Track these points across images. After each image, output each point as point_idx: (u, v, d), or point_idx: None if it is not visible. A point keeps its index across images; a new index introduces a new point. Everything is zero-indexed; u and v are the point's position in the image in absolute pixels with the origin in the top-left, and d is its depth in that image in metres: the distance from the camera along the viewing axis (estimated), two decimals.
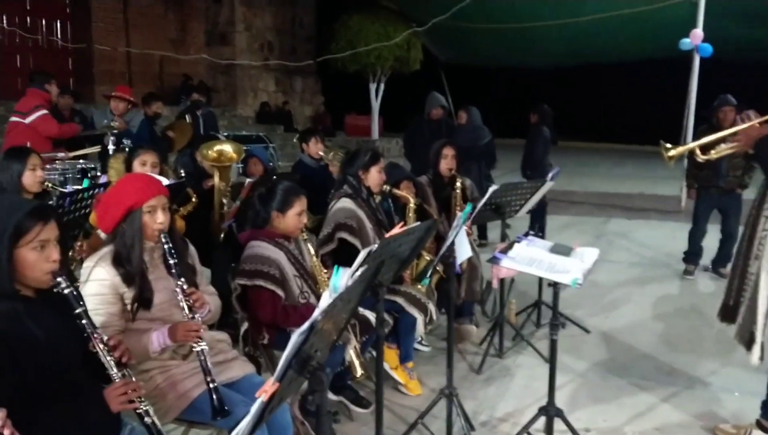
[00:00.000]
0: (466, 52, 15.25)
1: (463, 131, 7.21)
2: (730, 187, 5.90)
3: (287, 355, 1.65)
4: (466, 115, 7.28)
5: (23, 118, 5.89)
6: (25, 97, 6.10)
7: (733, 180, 5.87)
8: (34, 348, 1.90)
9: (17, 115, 5.94)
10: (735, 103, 5.74)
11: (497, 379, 3.97)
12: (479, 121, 7.29)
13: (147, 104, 7.25)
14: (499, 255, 3.00)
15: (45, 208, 2.02)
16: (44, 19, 13.48)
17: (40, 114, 5.89)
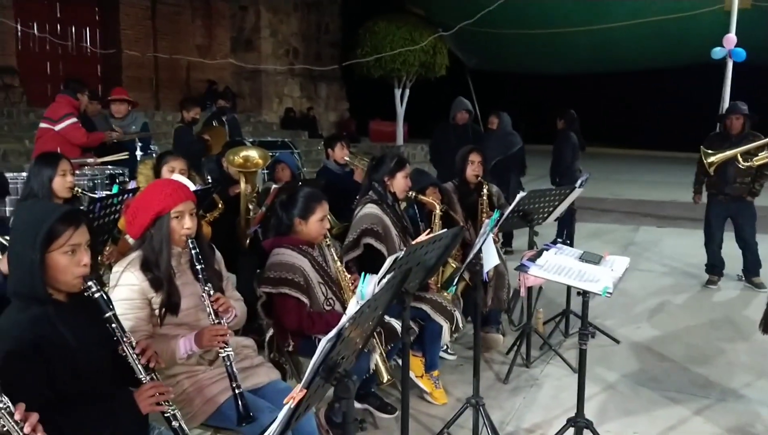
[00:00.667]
0: (494, 58, 15.23)
1: (494, 138, 7.16)
2: (738, 194, 5.74)
3: (315, 362, 1.63)
4: (497, 121, 7.23)
5: (53, 125, 5.95)
6: (55, 103, 6.16)
7: (742, 187, 5.71)
8: (66, 351, 1.92)
9: (47, 122, 6.01)
10: (745, 112, 5.63)
11: (524, 389, 3.91)
12: (509, 127, 7.23)
13: (186, 110, 7.32)
14: (528, 263, 2.95)
15: (76, 212, 2.03)
16: (74, 26, 13.73)
17: (69, 122, 5.94)
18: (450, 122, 7.16)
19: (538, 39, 13.16)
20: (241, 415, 2.28)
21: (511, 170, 7.03)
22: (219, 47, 15.92)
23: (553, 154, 7.31)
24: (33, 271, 1.87)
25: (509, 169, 6.99)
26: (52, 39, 12.70)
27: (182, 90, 14.80)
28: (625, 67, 15.13)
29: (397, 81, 16.38)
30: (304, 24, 17.92)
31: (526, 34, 13.03)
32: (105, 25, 13.98)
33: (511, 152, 7.06)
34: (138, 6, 14.06)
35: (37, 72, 12.91)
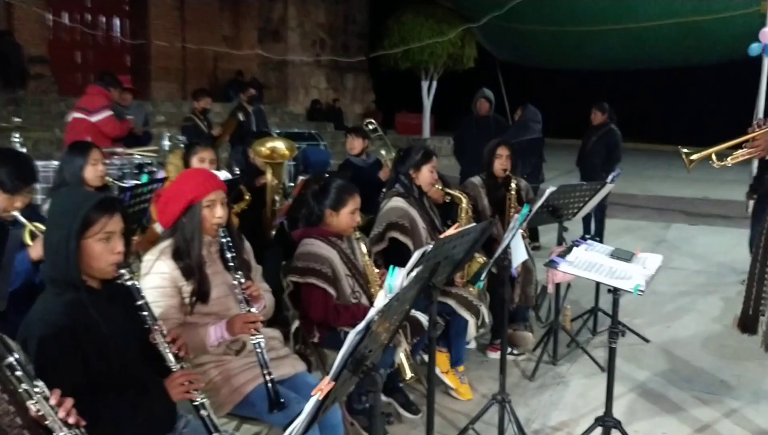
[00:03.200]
0: (523, 53, 15.06)
1: (513, 127, 7.09)
2: None
3: (343, 355, 1.61)
4: (521, 112, 7.14)
5: (89, 115, 5.99)
6: (89, 95, 6.21)
7: None
8: (98, 337, 1.94)
9: (82, 112, 6.05)
10: None
11: (551, 387, 3.86)
12: (530, 120, 7.13)
13: (196, 100, 7.38)
14: (557, 259, 2.90)
15: (111, 200, 2.05)
16: (104, 16, 13.88)
17: (106, 115, 6.01)
18: (473, 114, 7.08)
19: (568, 36, 12.98)
20: (272, 401, 2.29)
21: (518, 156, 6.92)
22: (246, 38, 15.98)
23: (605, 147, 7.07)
24: (68, 257, 1.89)
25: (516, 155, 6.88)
26: (83, 29, 12.85)
27: (209, 80, 14.89)
28: (657, 65, 14.87)
29: (425, 73, 16.29)
30: (332, 15, 17.90)
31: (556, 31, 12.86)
32: (134, 15, 14.13)
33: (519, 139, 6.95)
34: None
35: (67, 61, 13.11)
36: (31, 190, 2.88)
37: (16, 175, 2.75)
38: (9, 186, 2.74)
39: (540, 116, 7.14)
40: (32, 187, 2.90)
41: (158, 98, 13.25)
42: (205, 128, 7.25)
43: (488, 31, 13.66)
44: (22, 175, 2.79)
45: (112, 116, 6.06)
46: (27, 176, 2.83)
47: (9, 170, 2.75)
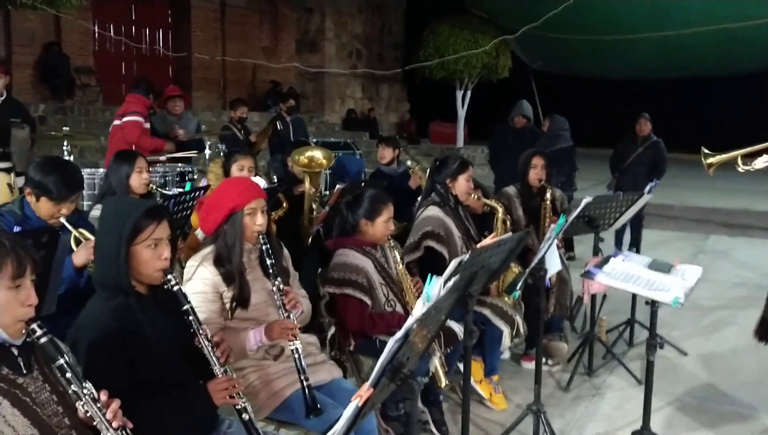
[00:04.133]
0: (559, 61, 14.98)
1: (542, 138, 7.07)
2: None
3: (383, 362, 1.65)
4: (549, 123, 7.13)
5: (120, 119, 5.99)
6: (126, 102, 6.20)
7: None
8: (145, 342, 2.00)
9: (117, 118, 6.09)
10: None
11: (586, 398, 3.84)
12: (560, 130, 7.09)
13: (233, 109, 7.48)
14: (594, 269, 2.90)
15: (159, 208, 2.12)
16: (148, 29, 14.25)
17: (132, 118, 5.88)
18: (509, 124, 7.09)
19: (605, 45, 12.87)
20: (309, 407, 2.33)
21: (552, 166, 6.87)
22: (284, 49, 16.22)
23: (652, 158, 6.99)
24: (119, 263, 1.96)
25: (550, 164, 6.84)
26: (127, 41, 13.21)
27: (248, 90, 15.15)
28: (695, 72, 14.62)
29: (459, 83, 16.30)
30: (368, 26, 18.06)
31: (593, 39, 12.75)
32: (177, 27, 14.47)
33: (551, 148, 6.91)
34: (208, 9, 14.49)
35: (112, 72, 13.46)
36: (76, 198, 2.94)
37: (62, 183, 2.80)
38: (55, 194, 2.79)
39: (567, 125, 7.10)
40: (78, 194, 2.96)
41: (198, 108, 13.52)
42: (242, 136, 7.35)
43: (523, 40, 13.61)
44: (68, 183, 2.83)
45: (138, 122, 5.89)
46: (73, 184, 2.87)
47: (55, 178, 2.80)
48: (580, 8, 11.42)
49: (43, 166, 2.87)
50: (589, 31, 12.84)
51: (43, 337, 1.57)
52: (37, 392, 1.59)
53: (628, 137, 7.17)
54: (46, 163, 2.94)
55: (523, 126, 7.04)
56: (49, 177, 2.80)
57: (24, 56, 11.35)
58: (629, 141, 7.13)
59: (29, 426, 1.53)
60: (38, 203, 2.83)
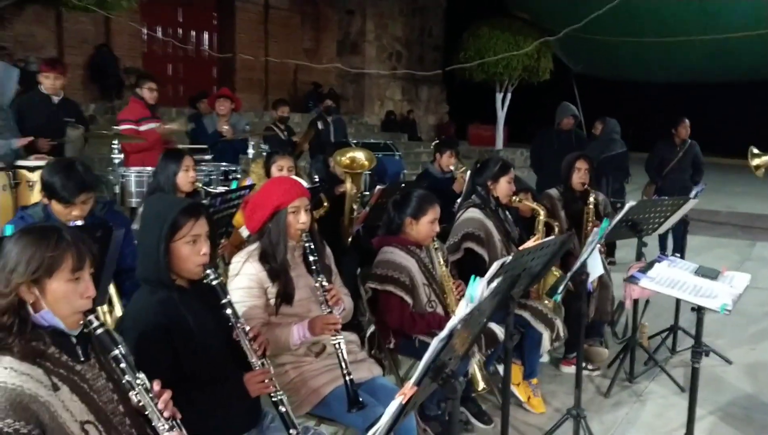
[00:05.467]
0: (602, 64, 14.76)
1: (595, 143, 6.97)
2: None
3: (426, 361, 1.67)
4: (602, 126, 7.02)
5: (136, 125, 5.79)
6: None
7: None
8: (188, 334, 2.06)
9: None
10: None
11: (627, 404, 3.79)
12: (613, 133, 6.99)
13: (275, 109, 7.56)
14: (638, 274, 2.87)
15: (197, 205, 2.19)
16: (194, 31, 14.54)
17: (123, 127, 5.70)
18: (554, 127, 7.01)
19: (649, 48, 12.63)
20: (351, 401, 2.36)
21: (604, 174, 6.79)
22: (325, 51, 16.37)
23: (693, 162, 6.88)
24: (159, 258, 2.03)
25: (602, 172, 6.76)
26: (175, 42, 13.49)
27: (289, 91, 15.34)
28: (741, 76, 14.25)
29: (499, 85, 16.20)
30: (408, 28, 18.09)
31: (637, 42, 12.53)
32: (222, 29, 14.72)
33: (604, 156, 6.81)
34: (252, 11, 14.71)
35: (159, 73, 13.73)
36: (87, 200, 2.89)
37: (66, 184, 2.80)
38: (61, 195, 2.80)
39: (619, 128, 7.00)
40: (89, 196, 2.90)
41: (241, 109, 13.73)
42: (284, 136, 7.43)
43: (566, 42, 13.47)
44: (73, 184, 2.81)
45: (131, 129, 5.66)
46: (78, 186, 2.82)
47: (60, 179, 2.80)
48: (624, 10, 11.26)
49: (51, 168, 2.90)
50: (633, 34, 12.63)
51: (99, 328, 1.64)
52: (94, 379, 1.65)
53: (667, 141, 7.02)
54: (55, 164, 2.94)
55: (570, 127, 6.94)
56: (54, 178, 2.82)
57: (75, 57, 11.68)
58: (668, 145, 6.99)
59: (86, 412, 1.59)
60: (52, 205, 2.86)
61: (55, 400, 1.53)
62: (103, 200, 3.50)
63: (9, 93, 4.87)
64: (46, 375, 1.54)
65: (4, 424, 1.43)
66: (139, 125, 5.67)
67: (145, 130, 5.67)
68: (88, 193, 2.89)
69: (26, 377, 1.51)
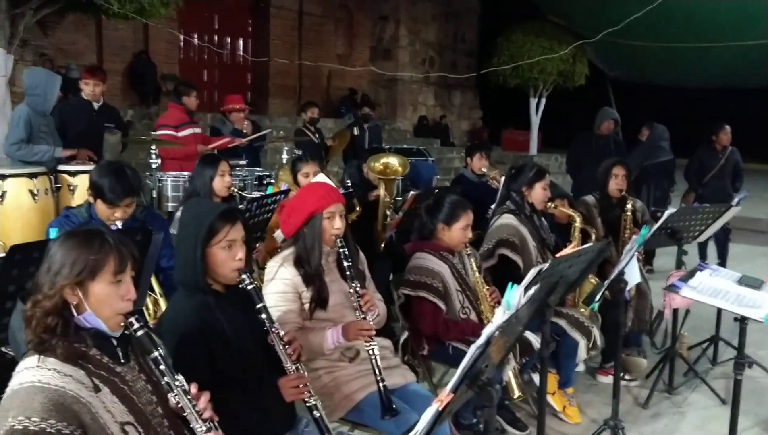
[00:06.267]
0: (638, 69, 14.53)
1: (640, 149, 6.84)
2: None
3: (464, 368, 1.65)
4: (648, 132, 6.87)
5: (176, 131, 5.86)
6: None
7: None
8: (223, 338, 2.08)
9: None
10: None
11: (666, 416, 3.70)
12: (660, 140, 6.85)
13: (304, 111, 7.55)
14: (679, 283, 2.81)
15: (233, 211, 2.20)
16: (229, 38, 14.75)
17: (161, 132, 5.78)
18: (593, 132, 6.89)
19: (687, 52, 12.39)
20: (385, 407, 2.35)
21: (646, 182, 6.66)
22: (358, 57, 16.45)
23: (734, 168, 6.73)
24: (195, 263, 2.05)
25: (644, 180, 6.63)
26: (210, 47, 13.70)
27: (322, 97, 15.45)
28: None
29: (533, 90, 16.06)
30: (442, 33, 18.07)
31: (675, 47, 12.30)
32: (256, 35, 14.91)
33: (648, 163, 6.68)
34: (286, 17, 14.86)
35: (195, 79, 13.94)
36: (131, 203, 2.99)
37: (115, 187, 2.90)
38: (108, 197, 2.90)
39: (668, 134, 6.84)
40: (132, 200, 3.00)
41: (275, 114, 13.88)
42: (316, 139, 7.38)
43: (601, 47, 13.29)
44: (121, 187, 2.91)
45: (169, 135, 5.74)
46: (125, 189, 2.93)
47: (109, 182, 2.90)
48: (661, 15, 11.06)
49: (101, 169, 3.00)
50: (670, 38, 12.41)
51: (139, 330, 1.66)
52: (134, 381, 1.68)
53: (707, 148, 6.85)
54: (105, 166, 3.05)
55: (608, 133, 6.82)
56: (104, 180, 2.92)
57: (114, 64, 11.96)
58: (709, 152, 6.82)
59: (126, 413, 1.61)
60: (96, 204, 2.97)
61: (96, 401, 1.55)
62: (142, 204, 3.56)
63: (51, 100, 4.98)
64: (87, 376, 1.57)
65: (47, 424, 1.45)
66: (178, 131, 5.75)
67: (183, 136, 5.74)
68: (132, 198, 2.99)
69: (69, 378, 1.53)
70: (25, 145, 4.80)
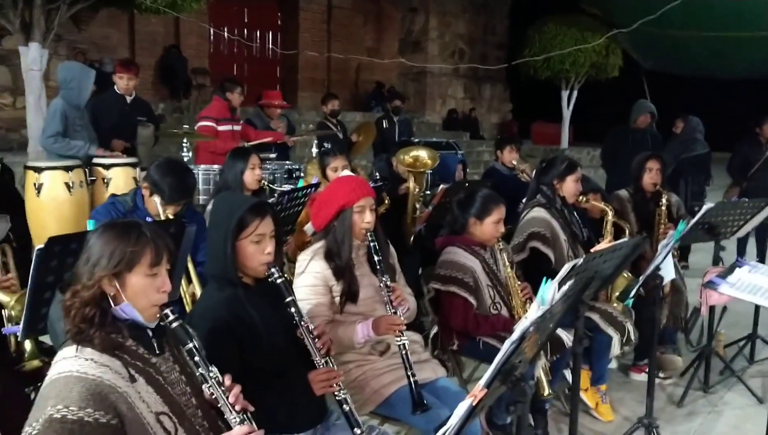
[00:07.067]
0: (675, 59, 14.17)
1: (674, 142, 6.69)
2: None
3: (498, 363, 1.63)
4: (683, 125, 6.72)
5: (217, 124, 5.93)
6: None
7: None
8: (253, 331, 2.09)
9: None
10: None
11: (701, 415, 3.63)
12: (695, 132, 6.70)
13: (324, 104, 7.52)
14: (717, 279, 2.75)
15: (263, 204, 2.20)
16: (259, 31, 14.83)
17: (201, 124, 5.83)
18: (630, 125, 6.76)
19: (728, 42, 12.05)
20: (416, 402, 2.34)
21: (682, 176, 6.52)
22: (387, 50, 16.40)
23: None
24: (226, 256, 2.06)
25: (680, 174, 6.49)
26: (241, 40, 13.79)
27: (351, 90, 15.45)
28: None
29: (565, 82, 15.84)
30: (472, 26, 17.92)
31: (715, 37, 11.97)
32: (285, 29, 14.96)
33: (684, 156, 6.54)
34: (315, 11, 14.88)
35: (225, 73, 14.08)
36: (182, 204, 3.03)
37: (176, 188, 2.95)
38: (167, 196, 2.94)
39: (702, 126, 6.69)
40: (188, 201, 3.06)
41: (304, 108, 13.93)
42: (338, 132, 7.27)
43: (636, 37, 13.00)
44: (181, 189, 2.98)
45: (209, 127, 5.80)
46: (185, 192, 3.00)
47: (171, 182, 2.95)
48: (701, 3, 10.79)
49: (163, 167, 3.02)
50: (708, 28, 12.09)
51: (174, 322, 1.68)
52: (168, 372, 1.69)
53: (750, 140, 6.66)
54: (167, 165, 3.06)
55: (645, 127, 6.69)
56: (165, 179, 2.96)
57: (146, 58, 12.10)
58: (752, 144, 6.63)
59: (161, 403, 1.63)
60: (150, 198, 3.01)
61: (132, 391, 1.57)
62: None
63: (86, 93, 5.06)
64: (124, 367, 1.59)
65: (84, 413, 1.48)
66: (219, 125, 5.80)
67: (221, 130, 5.79)
68: (188, 199, 3.07)
69: (106, 368, 1.55)
70: (61, 138, 4.88)
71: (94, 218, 3.03)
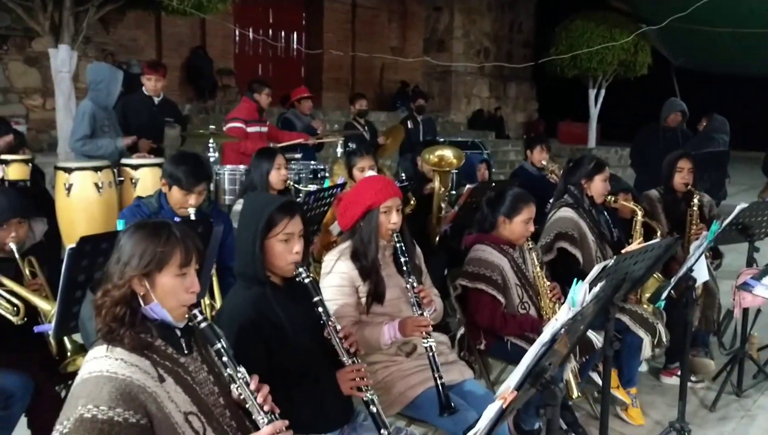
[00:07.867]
0: (707, 57, 13.87)
1: (695, 138, 6.58)
2: None
3: (528, 365, 1.61)
4: (706, 122, 6.62)
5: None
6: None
7: None
8: (280, 330, 2.09)
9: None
10: None
11: (734, 419, 3.55)
12: (714, 130, 6.58)
13: (352, 104, 7.51)
14: (752, 281, 2.68)
15: (292, 204, 2.20)
16: (283, 31, 14.90)
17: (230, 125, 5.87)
18: (661, 124, 6.64)
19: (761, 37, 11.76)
20: (443, 404, 2.32)
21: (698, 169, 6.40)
22: (412, 49, 16.37)
23: None
24: (254, 255, 2.06)
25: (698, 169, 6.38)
26: (266, 40, 13.85)
27: (375, 90, 15.44)
28: None
29: (593, 80, 15.64)
30: (497, 24, 17.81)
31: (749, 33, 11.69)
32: (310, 29, 15.01)
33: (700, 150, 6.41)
34: (340, 10, 14.91)
35: (250, 73, 14.13)
36: (204, 190, 3.15)
37: (190, 172, 3.06)
38: (184, 182, 3.04)
39: (728, 127, 6.56)
40: (206, 185, 3.17)
41: (328, 108, 13.96)
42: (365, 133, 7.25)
43: (667, 34, 12.76)
44: (196, 173, 3.08)
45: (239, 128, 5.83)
46: (200, 174, 3.10)
47: (185, 168, 3.06)
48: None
49: (175, 158, 3.17)
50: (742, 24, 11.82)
51: (203, 322, 1.68)
52: (196, 372, 1.70)
53: None
54: (179, 155, 3.22)
55: (676, 126, 6.57)
56: (180, 167, 3.07)
57: (172, 59, 12.22)
58: None
59: (189, 403, 1.64)
60: (170, 192, 3.10)
61: (161, 390, 1.58)
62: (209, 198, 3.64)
63: (114, 94, 5.13)
64: (153, 366, 1.59)
65: (114, 413, 1.48)
66: (247, 126, 5.84)
67: (250, 132, 5.83)
68: (206, 184, 3.16)
69: (135, 368, 1.56)
70: (89, 140, 4.96)
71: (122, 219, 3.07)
